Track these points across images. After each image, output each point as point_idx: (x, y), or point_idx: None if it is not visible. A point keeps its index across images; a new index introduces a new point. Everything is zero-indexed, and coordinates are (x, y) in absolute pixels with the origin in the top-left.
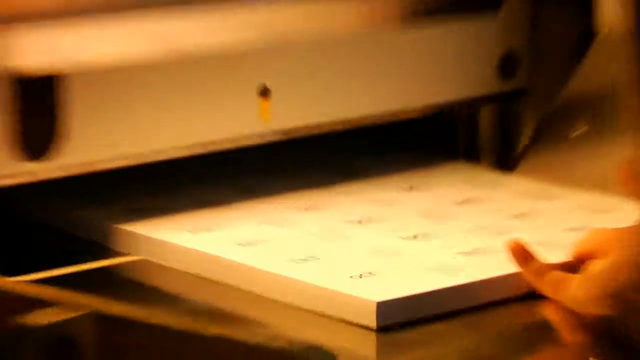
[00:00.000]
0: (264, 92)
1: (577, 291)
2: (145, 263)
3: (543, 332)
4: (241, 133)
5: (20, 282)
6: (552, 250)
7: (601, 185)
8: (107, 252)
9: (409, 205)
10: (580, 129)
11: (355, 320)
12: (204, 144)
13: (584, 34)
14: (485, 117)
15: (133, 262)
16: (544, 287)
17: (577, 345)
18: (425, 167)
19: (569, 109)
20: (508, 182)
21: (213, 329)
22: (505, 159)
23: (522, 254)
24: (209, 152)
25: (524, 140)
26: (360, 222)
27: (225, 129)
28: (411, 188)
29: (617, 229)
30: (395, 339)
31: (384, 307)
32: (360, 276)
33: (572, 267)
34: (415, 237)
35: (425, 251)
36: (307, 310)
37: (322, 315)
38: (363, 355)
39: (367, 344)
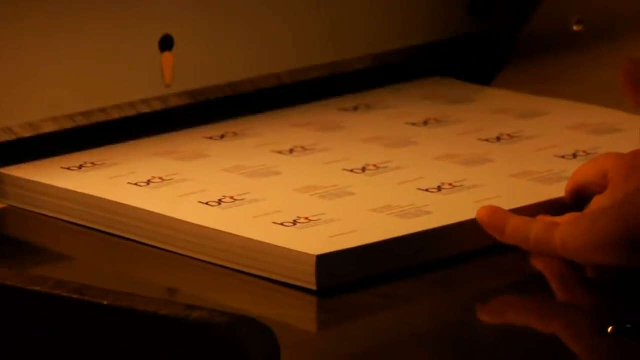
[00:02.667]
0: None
1: (577, 236)
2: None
3: (532, 292)
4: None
5: None
6: (542, 183)
7: (601, 97)
8: None
9: (355, 129)
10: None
11: (290, 280)
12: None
13: None
14: None
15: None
16: (530, 243)
17: (579, 307)
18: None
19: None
20: (482, 96)
21: (108, 298)
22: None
23: (496, 223)
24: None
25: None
26: (291, 151)
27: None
28: (356, 108)
29: (624, 156)
30: (341, 303)
31: (325, 263)
32: (294, 223)
33: (567, 208)
34: (363, 169)
35: (377, 188)
36: (228, 269)
37: (249, 275)
38: (300, 327)
39: (306, 311)
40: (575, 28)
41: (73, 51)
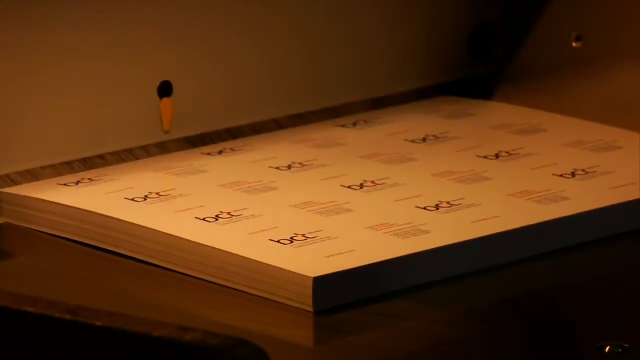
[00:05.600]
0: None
1: None
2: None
3: (527, 310)
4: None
5: None
6: (540, 203)
7: (600, 114)
8: None
9: (353, 145)
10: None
11: (287, 301)
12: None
13: None
14: None
15: None
16: None
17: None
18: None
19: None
20: (481, 111)
21: (101, 319)
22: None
23: None
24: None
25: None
26: (289, 167)
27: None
28: (355, 124)
29: None
30: (337, 321)
31: (322, 285)
32: (291, 240)
33: None
34: (361, 186)
35: (375, 205)
36: (224, 287)
37: (244, 292)
38: (296, 344)
39: (302, 329)
40: (574, 44)
41: (71, 97)
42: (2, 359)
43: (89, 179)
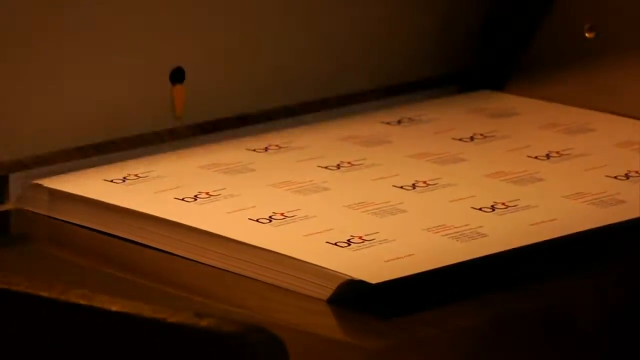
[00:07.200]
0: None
1: None
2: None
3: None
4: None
5: None
6: (597, 206)
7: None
8: None
9: (400, 143)
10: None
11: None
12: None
13: None
14: None
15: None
16: None
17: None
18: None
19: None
20: (528, 109)
21: (117, 304)
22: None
23: None
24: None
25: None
26: (338, 167)
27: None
28: (400, 121)
29: None
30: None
31: (382, 291)
32: (348, 242)
33: None
34: (413, 186)
35: (430, 205)
36: (278, 288)
37: (301, 295)
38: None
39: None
40: (587, 35)
41: (83, 84)
42: (17, 343)
43: (135, 175)
